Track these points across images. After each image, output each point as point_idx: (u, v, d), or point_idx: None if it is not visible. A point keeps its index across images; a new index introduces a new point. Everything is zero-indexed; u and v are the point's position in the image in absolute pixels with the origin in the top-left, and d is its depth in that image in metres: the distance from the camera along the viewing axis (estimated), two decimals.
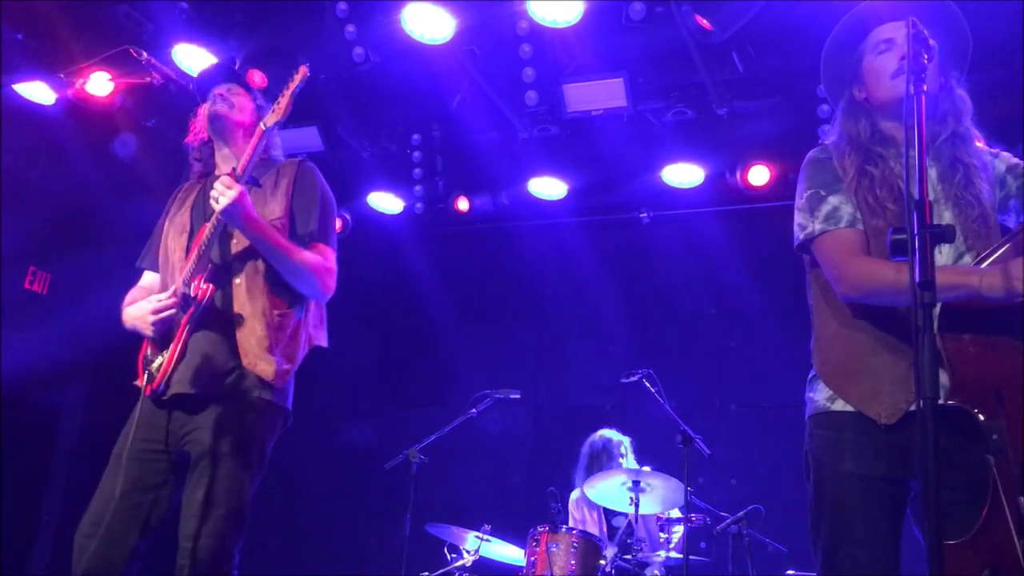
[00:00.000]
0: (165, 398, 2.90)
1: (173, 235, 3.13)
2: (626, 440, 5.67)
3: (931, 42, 2.03)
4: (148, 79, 2.95)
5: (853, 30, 2.55)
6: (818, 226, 2.39)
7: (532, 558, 4.84)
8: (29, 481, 6.21)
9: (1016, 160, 2.49)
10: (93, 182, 6.17)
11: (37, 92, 5.55)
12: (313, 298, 3.10)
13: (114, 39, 5.38)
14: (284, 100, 2.97)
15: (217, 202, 2.80)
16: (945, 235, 1.73)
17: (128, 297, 3.18)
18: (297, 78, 2.99)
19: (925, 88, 1.91)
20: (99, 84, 5.45)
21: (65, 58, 5.40)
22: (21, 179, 5.66)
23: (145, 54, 2.96)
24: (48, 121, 5.73)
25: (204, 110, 3.19)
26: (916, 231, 1.71)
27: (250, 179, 2.92)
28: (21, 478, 5.99)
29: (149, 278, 3.24)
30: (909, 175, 1.77)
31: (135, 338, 3.08)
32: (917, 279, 1.67)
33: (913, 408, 2.20)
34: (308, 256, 2.97)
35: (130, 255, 3.35)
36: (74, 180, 6.12)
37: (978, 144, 2.47)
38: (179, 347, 2.88)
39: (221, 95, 3.16)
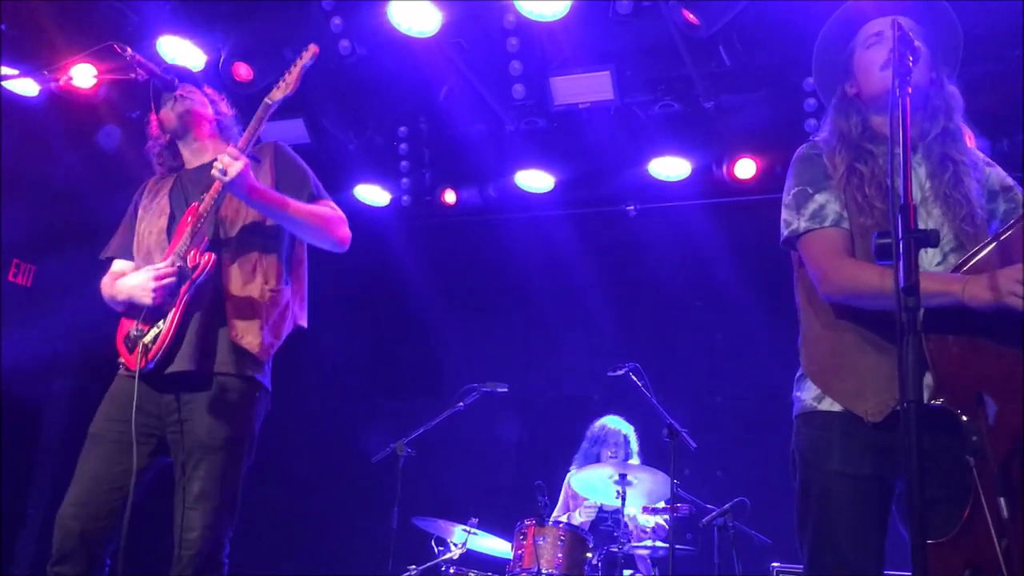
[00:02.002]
0: (158, 376, 2.91)
1: (149, 220, 3.17)
2: (629, 430, 5.69)
3: (916, 43, 2.04)
4: (132, 76, 2.95)
5: (844, 27, 2.54)
6: (803, 224, 2.40)
7: (519, 551, 4.87)
8: (15, 474, 6.18)
9: (1011, 182, 2.48)
10: (77, 173, 6.13)
11: (20, 84, 5.50)
12: (332, 249, 3.16)
13: (98, 31, 5.32)
14: (294, 75, 3.07)
15: (225, 174, 2.83)
16: (929, 239, 1.74)
17: (104, 283, 3.21)
18: (307, 55, 3.09)
19: (910, 89, 1.92)
20: (82, 76, 5.41)
21: (48, 50, 5.34)
22: (3, 171, 5.62)
23: (129, 50, 2.95)
24: (31, 113, 5.69)
25: (164, 114, 3.22)
26: (901, 235, 1.72)
27: (251, 155, 2.99)
28: (7, 471, 5.96)
29: (120, 265, 3.25)
30: (894, 178, 1.78)
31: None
32: (901, 283, 1.68)
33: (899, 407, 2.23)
34: (318, 208, 3.07)
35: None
36: (58, 172, 6.08)
37: (969, 144, 2.48)
38: (176, 320, 2.89)
39: (180, 95, 3.21)
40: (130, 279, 3.03)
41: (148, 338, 2.91)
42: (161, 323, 2.91)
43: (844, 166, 2.40)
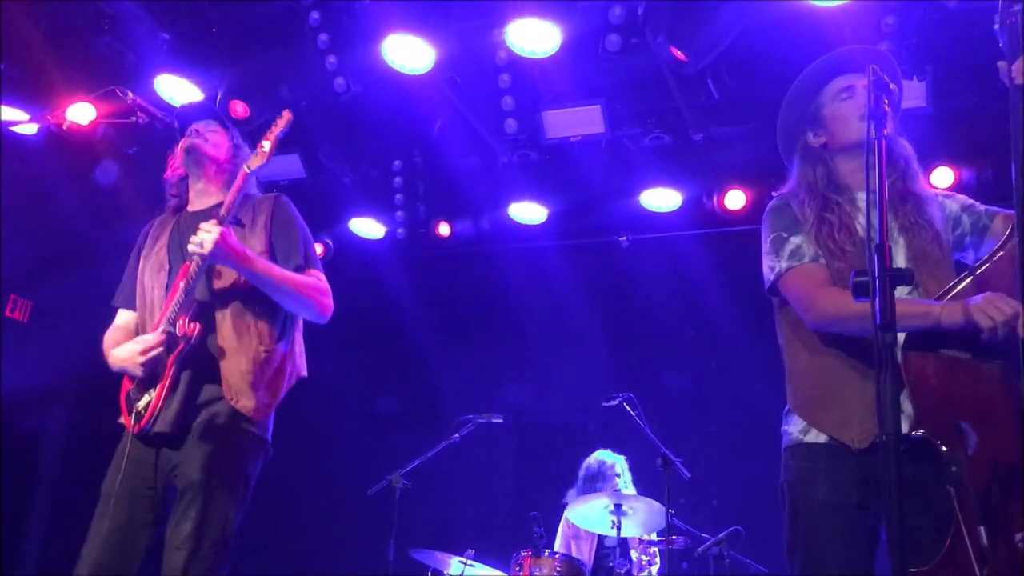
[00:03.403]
0: (152, 434, 2.93)
1: (150, 273, 3.17)
2: (621, 461, 5.72)
3: (892, 86, 2.13)
4: (133, 119, 3.00)
5: (810, 82, 2.70)
6: (784, 264, 2.50)
7: None
8: (12, 508, 6.17)
9: (971, 200, 2.62)
10: (74, 209, 6.18)
11: (20, 123, 5.55)
12: (313, 320, 3.15)
13: (96, 70, 5.40)
14: (268, 145, 3.05)
15: (202, 246, 2.84)
16: (904, 277, 1.81)
17: (107, 337, 3.22)
18: (281, 123, 3.10)
19: (886, 132, 2.01)
20: (81, 113, 5.48)
21: (47, 88, 5.42)
22: (2, 207, 5.67)
23: (131, 94, 3.01)
24: (29, 148, 5.75)
25: (181, 144, 3.25)
26: (877, 274, 1.79)
27: (233, 219, 2.98)
28: (4, 505, 5.95)
29: (124, 316, 3.27)
30: (870, 218, 1.85)
31: None
32: (877, 320, 1.74)
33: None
34: (303, 279, 3.04)
35: (111, 280, 3.37)
36: (55, 207, 6.13)
37: (933, 190, 2.62)
38: (167, 388, 2.91)
39: (197, 130, 3.24)
40: (120, 351, 3.04)
41: (141, 404, 2.95)
42: (152, 391, 2.93)
43: (813, 216, 2.53)
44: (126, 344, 3.04)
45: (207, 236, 2.85)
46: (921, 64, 4.89)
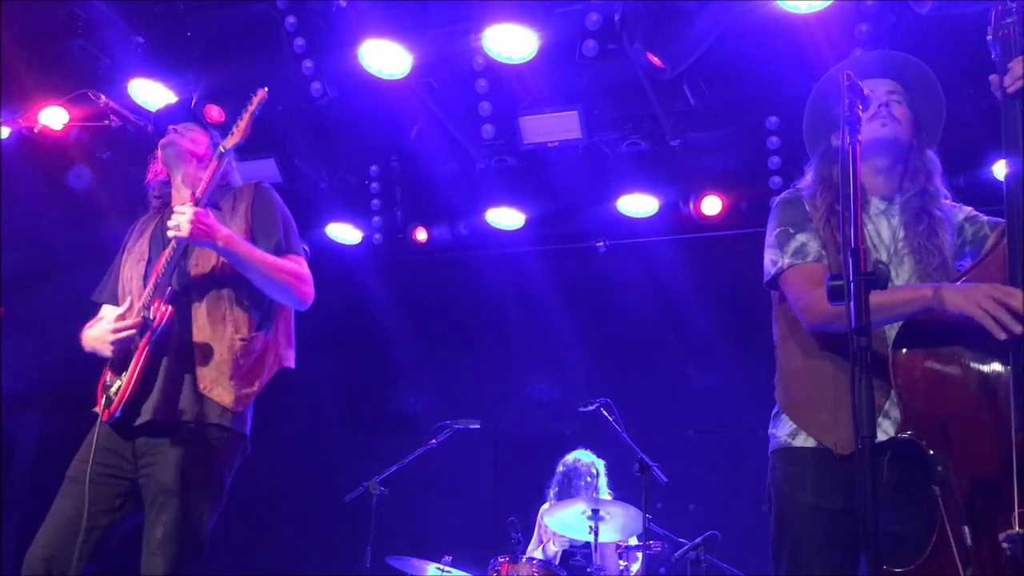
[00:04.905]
0: (125, 425, 2.89)
1: (130, 264, 3.16)
2: (599, 463, 5.72)
3: (866, 92, 2.15)
4: (106, 122, 2.97)
5: (834, 87, 2.67)
6: (787, 260, 2.51)
7: None
8: None
9: (976, 212, 2.63)
10: (47, 213, 6.11)
11: None
12: (292, 306, 3.12)
13: (69, 73, 5.35)
14: (243, 122, 3.03)
15: (179, 229, 2.82)
16: (878, 281, 1.82)
17: (86, 329, 3.17)
18: (255, 100, 3.06)
19: (860, 137, 2.02)
20: (53, 117, 5.43)
21: (19, 92, 5.36)
22: None
23: (103, 97, 2.98)
24: (1, 153, 5.68)
25: (160, 143, 3.24)
26: (851, 277, 1.80)
27: (209, 202, 2.95)
28: None
29: (106, 311, 3.21)
30: (844, 226, 1.86)
31: (91, 370, 3.08)
32: (852, 324, 1.75)
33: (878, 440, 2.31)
34: (283, 263, 3.00)
35: (84, 286, 3.34)
36: (28, 212, 6.06)
37: (946, 202, 2.60)
38: (137, 371, 2.87)
39: (175, 129, 3.23)
40: (93, 330, 3.01)
41: (112, 389, 2.91)
42: (123, 376, 2.89)
43: (824, 207, 2.53)
44: (99, 323, 3.02)
45: (182, 218, 2.82)
46: None
